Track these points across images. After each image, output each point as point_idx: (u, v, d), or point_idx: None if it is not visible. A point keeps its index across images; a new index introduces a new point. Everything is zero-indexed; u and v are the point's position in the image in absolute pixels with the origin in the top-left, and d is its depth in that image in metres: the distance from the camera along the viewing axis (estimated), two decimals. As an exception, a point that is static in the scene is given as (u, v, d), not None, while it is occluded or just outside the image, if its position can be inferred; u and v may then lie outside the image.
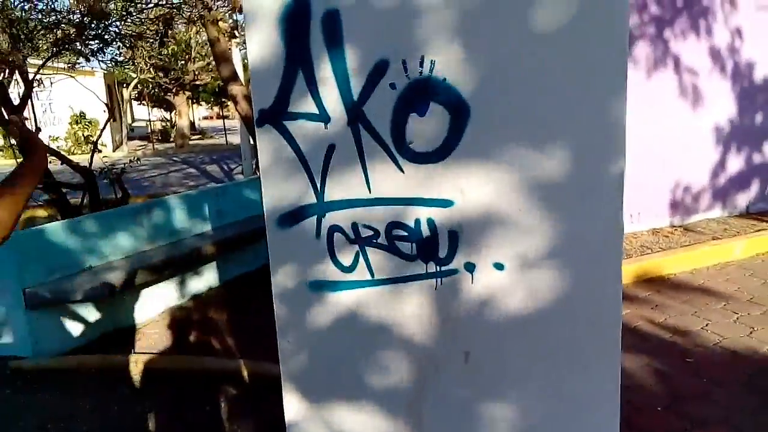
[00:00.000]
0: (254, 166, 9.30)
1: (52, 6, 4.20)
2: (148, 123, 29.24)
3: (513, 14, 1.43)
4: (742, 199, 6.54)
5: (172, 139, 26.14)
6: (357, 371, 1.75)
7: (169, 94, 25.05)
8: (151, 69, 17.35)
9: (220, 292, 5.11)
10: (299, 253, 1.73)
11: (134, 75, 19.72)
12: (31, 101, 6.24)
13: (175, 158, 19.63)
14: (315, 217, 1.70)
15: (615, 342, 1.59)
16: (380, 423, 1.76)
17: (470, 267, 1.59)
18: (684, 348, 3.56)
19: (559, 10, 1.40)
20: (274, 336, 1.79)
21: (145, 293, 4.42)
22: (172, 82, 20.49)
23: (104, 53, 5.16)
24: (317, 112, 1.64)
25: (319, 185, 1.68)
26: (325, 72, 1.60)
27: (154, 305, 4.53)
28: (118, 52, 7.38)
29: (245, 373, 3.40)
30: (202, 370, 3.51)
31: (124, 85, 25.12)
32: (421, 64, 1.52)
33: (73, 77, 6.79)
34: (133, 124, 32.38)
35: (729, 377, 3.20)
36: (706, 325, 3.84)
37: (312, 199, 1.69)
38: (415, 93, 1.54)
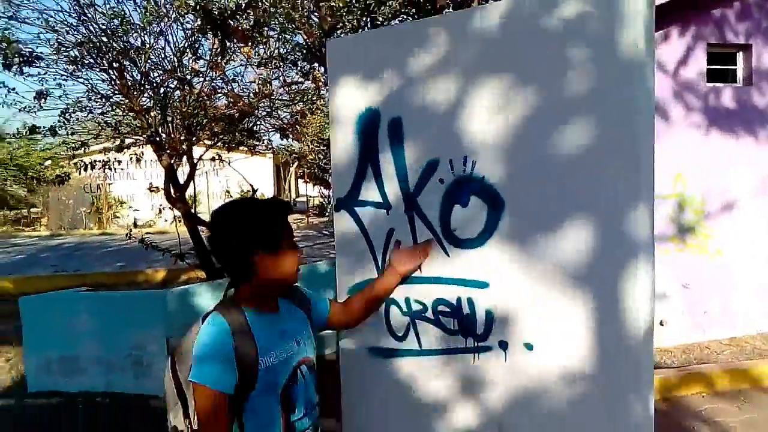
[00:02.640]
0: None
1: (214, 104, 5.11)
2: (307, 199, 31.68)
3: (538, 133, 1.64)
4: None
5: (327, 214, 28.08)
6: (407, 430, 1.93)
7: (326, 173, 27.17)
8: (312, 151, 19.14)
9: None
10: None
11: (296, 156, 21.71)
12: (204, 178, 7.26)
13: (325, 232, 21.03)
14: (376, 291, 1.97)
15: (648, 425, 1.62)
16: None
17: (503, 345, 1.74)
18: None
19: (577, 130, 1.59)
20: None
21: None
22: (328, 162, 22.26)
23: (259, 141, 6.05)
24: (381, 201, 1.94)
25: (380, 261, 1.95)
26: (388, 168, 1.91)
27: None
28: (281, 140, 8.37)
29: None
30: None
31: (290, 165, 27.75)
32: (464, 164, 1.77)
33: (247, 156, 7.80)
34: (297, 199, 35.13)
35: None
36: None
37: (374, 273, 1.96)
38: (459, 187, 1.78)
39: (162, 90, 4.91)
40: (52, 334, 4.41)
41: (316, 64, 5.02)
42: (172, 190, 5.11)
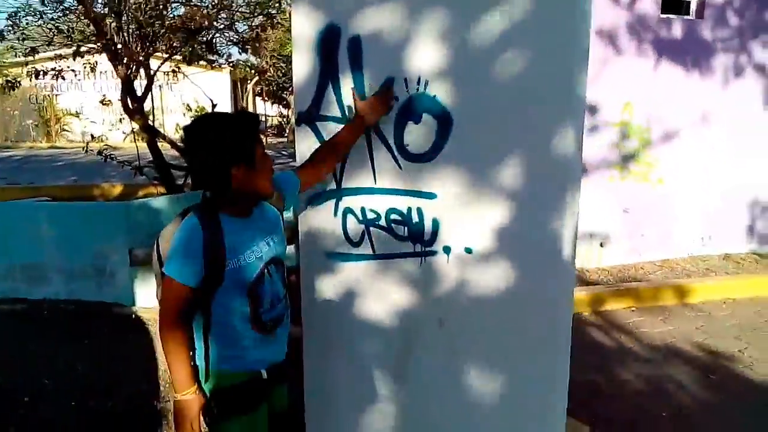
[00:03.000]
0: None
1: (171, 15, 4.99)
2: (265, 118, 31.02)
3: (488, 52, 1.78)
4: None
5: (285, 134, 27.75)
6: (358, 326, 2.15)
7: (285, 92, 26.60)
8: (271, 67, 18.64)
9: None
10: (321, 227, 2.16)
11: (255, 72, 21.11)
12: (158, 92, 7.12)
13: (283, 152, 20.88)
14: (334, 200, 2.13)
15: (566, 332, 1.88)
16: (373, 370, 2.15)
17: (447, 249, 1.95)
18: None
19: (520, 52, 1.73)
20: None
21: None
22: (289, 80, 21.83)
23: (218, 55, 5.95)
24: (340, 116, 2.06)
25: (338, 175, 2.10)
26: (347, 85, 2.02)
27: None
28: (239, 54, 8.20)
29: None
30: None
31: (249, 81, 26.98)
32: (418, 83, 1.90)
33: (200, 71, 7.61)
34: (253, 119, 34.40)
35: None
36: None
37: (333, 185, 2.11)
38: (413, 105, 1.92)
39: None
40: (15, 242, 4.47)
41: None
42: (129, 102, 5.05)
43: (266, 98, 31.89)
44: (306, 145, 2.15)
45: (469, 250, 1.91)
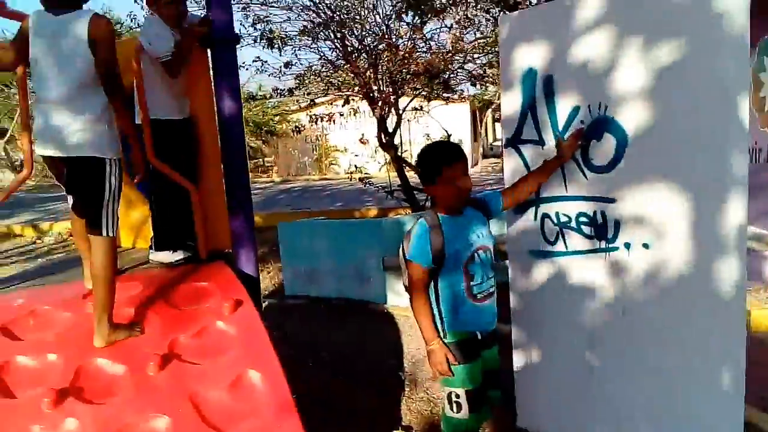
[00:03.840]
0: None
1: (416, 61, 5.95)
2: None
3: (658, 80, 2.14)
4: None
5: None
6: (553, 311, 2.60)
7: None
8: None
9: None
10: (524, 229, 2.68)
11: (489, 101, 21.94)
12: (406, 126, 8.24)
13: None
14: (534, 207, 2.64)
15: (739, 324, 2.08)
16: (569, 346, 2.58)
17: (627, 246, 2.31)
18: None
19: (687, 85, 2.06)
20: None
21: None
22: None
23: (453, 92, 6.78)
24: (538, 139, 2.58)
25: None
26: (543, 114, 2.53)
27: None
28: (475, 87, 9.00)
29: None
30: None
31: (486, 110, 28.06)
32: (599, 107, 2.33)
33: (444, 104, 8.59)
34: (493, 143, 35.36)
35: None
36: None
37: (532, 195, 2.62)
38: (595, 126, 2.35)
39: (374, 53, 5.88)
40: (300, 252, 5.78)
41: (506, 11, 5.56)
42: (383, 137, 6.13)
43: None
44: (511, 164, 2.71)
45: (646, 246, 2.25)
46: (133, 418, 1.92)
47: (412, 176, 6.65)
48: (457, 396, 2.30)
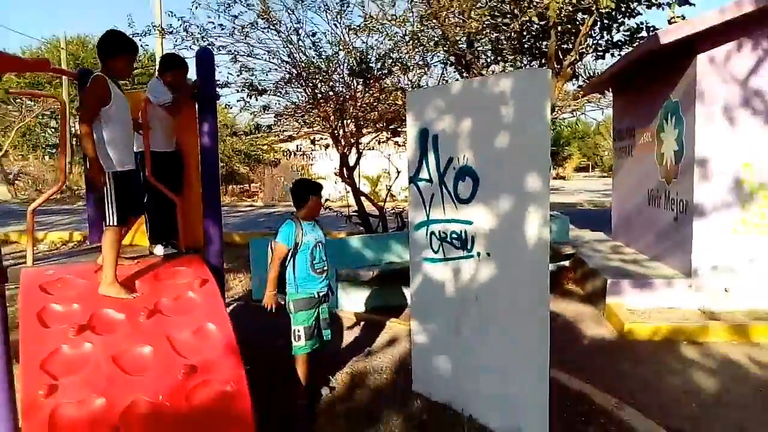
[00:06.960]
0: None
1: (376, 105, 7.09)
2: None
3: (495, 142, 3.20)
4: None
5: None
6: (440, 297, 3.62)
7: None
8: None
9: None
10: (419, 242, 3.72)
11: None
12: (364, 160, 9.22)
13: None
14: (425, 227, 3.68)
15: (544, 318, 3.11)
16: (446, 322, 3.59)
17: (479, 254, 3.35)
18: None
19: (510, 135, 3.12)
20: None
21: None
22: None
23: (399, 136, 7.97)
24: (428, 178, 3.63)
25: (427, 211, 3.65)
26: (432, 160, 3.59)
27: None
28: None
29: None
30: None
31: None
32: (464, 159, 3.39)
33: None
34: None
35: None
36: None
37: (424, 218, 3.67)
38: (461, 171, 3.41)
39: (339, 100, 6.99)
40: (265, 263, 6.72)
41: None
42: (345, 171, 7.20)
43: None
44: (413, 194, 3.76)
45: (489, 254, 3.29)
46: (128, 346, 2.90)
47: (369, 205, 7.70)
48: (299, 331, 3.61)
